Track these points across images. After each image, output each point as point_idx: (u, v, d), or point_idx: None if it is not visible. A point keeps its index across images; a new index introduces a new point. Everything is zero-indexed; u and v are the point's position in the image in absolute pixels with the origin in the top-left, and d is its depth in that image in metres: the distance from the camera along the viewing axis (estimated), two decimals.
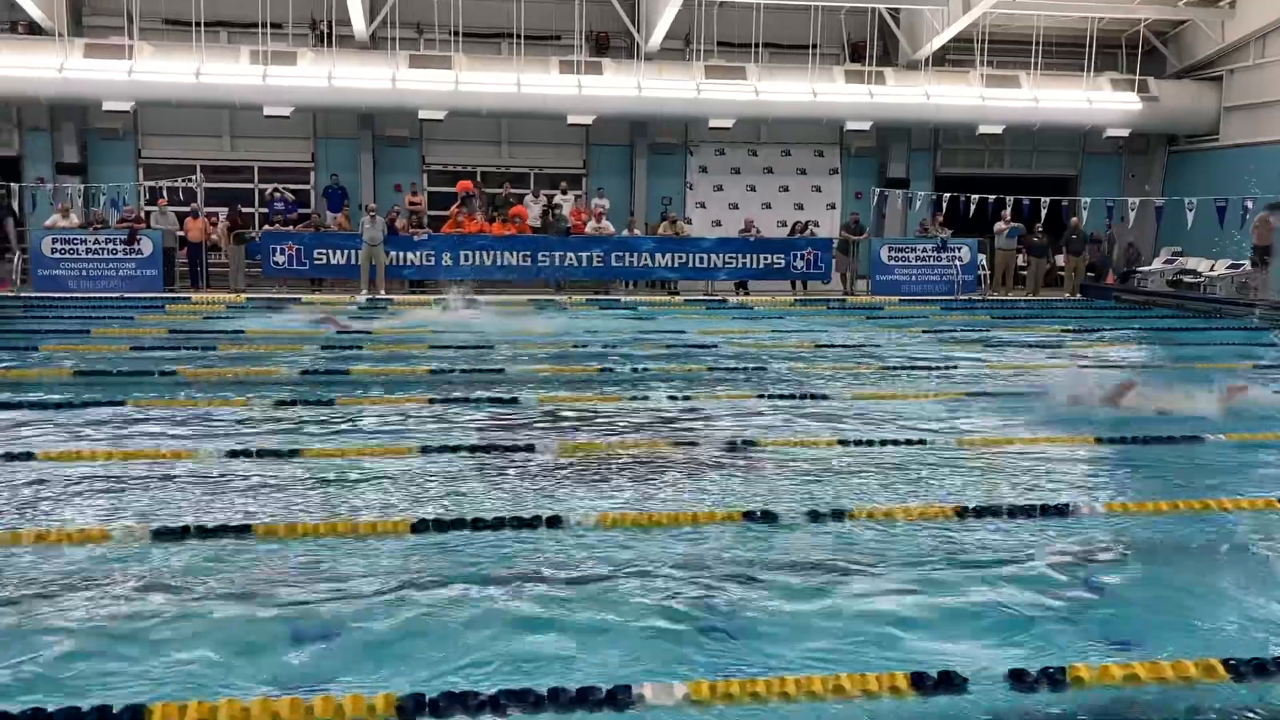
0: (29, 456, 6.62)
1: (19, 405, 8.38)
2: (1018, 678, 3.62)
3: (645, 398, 9.26)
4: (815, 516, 5.53)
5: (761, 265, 21.08)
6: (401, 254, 19.94)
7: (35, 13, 20.11)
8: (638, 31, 22.52)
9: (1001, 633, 4.31)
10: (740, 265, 21.05)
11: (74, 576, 4.63)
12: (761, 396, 9.40)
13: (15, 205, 20.43)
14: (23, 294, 18.26)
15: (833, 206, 24.42)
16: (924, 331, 15.19)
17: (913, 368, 11.35)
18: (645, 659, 3.94)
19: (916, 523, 5.59)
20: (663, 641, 4.11)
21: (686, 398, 9.27)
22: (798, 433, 7.93)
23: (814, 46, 22.24)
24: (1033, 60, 22.33)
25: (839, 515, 5.54)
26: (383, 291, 19.29)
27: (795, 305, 19.67)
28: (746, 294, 21.05)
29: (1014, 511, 5.73)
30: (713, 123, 22.30)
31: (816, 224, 23.47)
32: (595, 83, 21.46)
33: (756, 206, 24.00)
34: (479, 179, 22.77)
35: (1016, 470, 6.98)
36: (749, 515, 5.51)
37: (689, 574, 4.80)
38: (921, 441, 7.53)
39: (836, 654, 4.03)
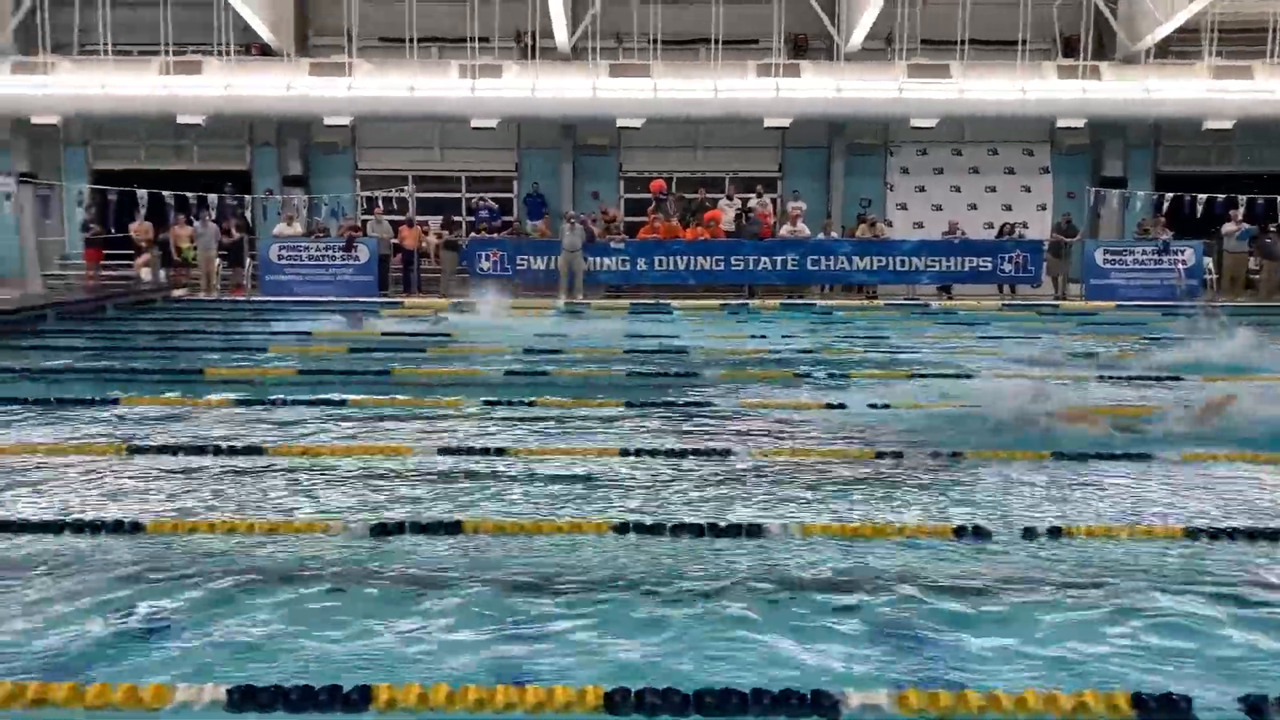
0: (259, 451, 7.05)
1: (250, 403, 8.96)
2: (1251, 705, 3.33)
3: (843, 405, 9.08)
4: (1029, 533, 5.27)
5: (966, 268, 20.41)
6: (599, 260, 20.33)
7: (266, 34, 21.64)
8: (837, 32, 22.24)
9: (1231, 660, 4.00)
10: (943, 268, 20.44)
11: (302, 566, 4.89)
12: (964, 405, 9.04)
13: (248, 215, 22.03)
14: (253, 298, 19.65)
15: (1043, 207, 23.43)
16: (1148, 339, 14.29)
17: (1136, 377, 10.69)
18: (850, 665, 3.85)
19: (1139, 541, 5.27)
20: (868, 650, 4.00)
21: (887, 405, 9.03)
22: (1006, 446, 7.59)
23: (1023, 42, 21.41)
24: (1269, 48, 20.78)
25: (1055, 531, 5.25)
26: (580, 297, 19.69)
27: (1003, 310, 18.92)
28: (950, 298, 20.41)
29: (1251, 534, 5.31)
30: (914, 122, 21.76)
31: (1025, 225, 22.54)
32: (793, 85, 21.32)
33: (961, 208, 23.28)
34: (674, 185, 22.97)
35: (1249, 489, 6.47)
36: (959, 530, 5.30)
37: (895, 585, 4.67)
38: (1145, 456, 7.08)
39: (1051, 671, 3.83)
